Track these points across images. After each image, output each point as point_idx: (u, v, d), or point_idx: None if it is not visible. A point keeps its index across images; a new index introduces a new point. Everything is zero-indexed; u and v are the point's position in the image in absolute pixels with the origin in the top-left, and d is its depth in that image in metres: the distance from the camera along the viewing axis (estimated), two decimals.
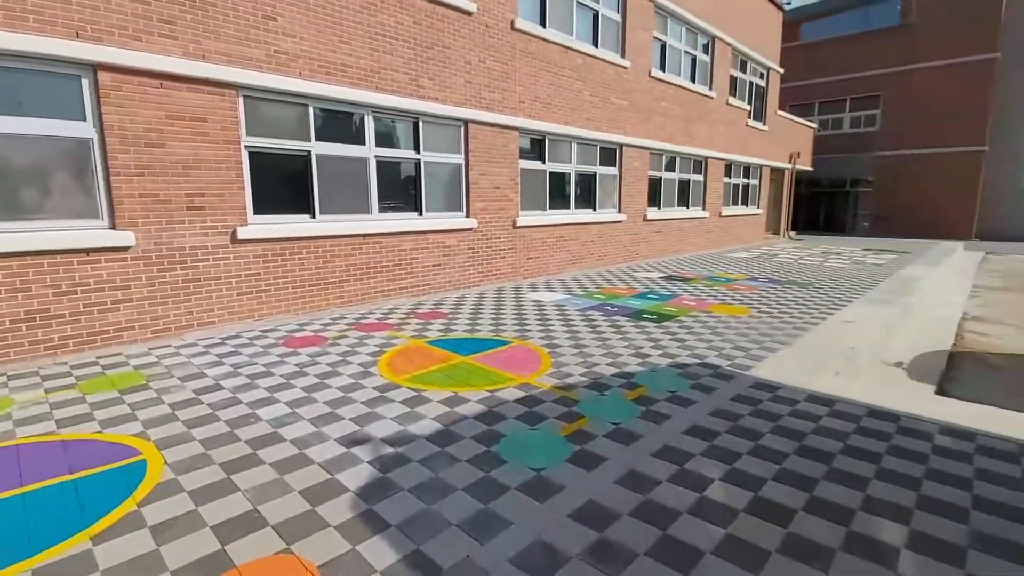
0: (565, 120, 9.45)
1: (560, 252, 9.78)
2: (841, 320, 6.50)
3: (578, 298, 7.58)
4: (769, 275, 10.15)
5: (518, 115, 8.57)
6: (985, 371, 5.46)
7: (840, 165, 23.54)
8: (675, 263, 11.79)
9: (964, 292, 9.99)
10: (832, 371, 4.60)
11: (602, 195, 10.69)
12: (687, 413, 3.58)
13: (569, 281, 9.09)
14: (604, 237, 10.80)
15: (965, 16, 20.69)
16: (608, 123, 10.43)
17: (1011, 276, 12.53)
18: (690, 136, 13.05)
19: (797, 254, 14.20)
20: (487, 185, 8.25)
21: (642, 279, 9.42)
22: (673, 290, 8.34)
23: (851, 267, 11.65)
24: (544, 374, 4.34)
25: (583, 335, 5.57)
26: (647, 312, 6.69)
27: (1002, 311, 8.47)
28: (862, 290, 8.65)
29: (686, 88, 12.60)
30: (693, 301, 7.46)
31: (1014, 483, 2.75)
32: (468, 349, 5.01)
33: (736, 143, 15.25)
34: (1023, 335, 7.00)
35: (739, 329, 5.90)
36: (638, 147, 11.31)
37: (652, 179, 12.13)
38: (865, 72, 23.03)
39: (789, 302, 7.51)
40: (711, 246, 14.96)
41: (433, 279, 7.68)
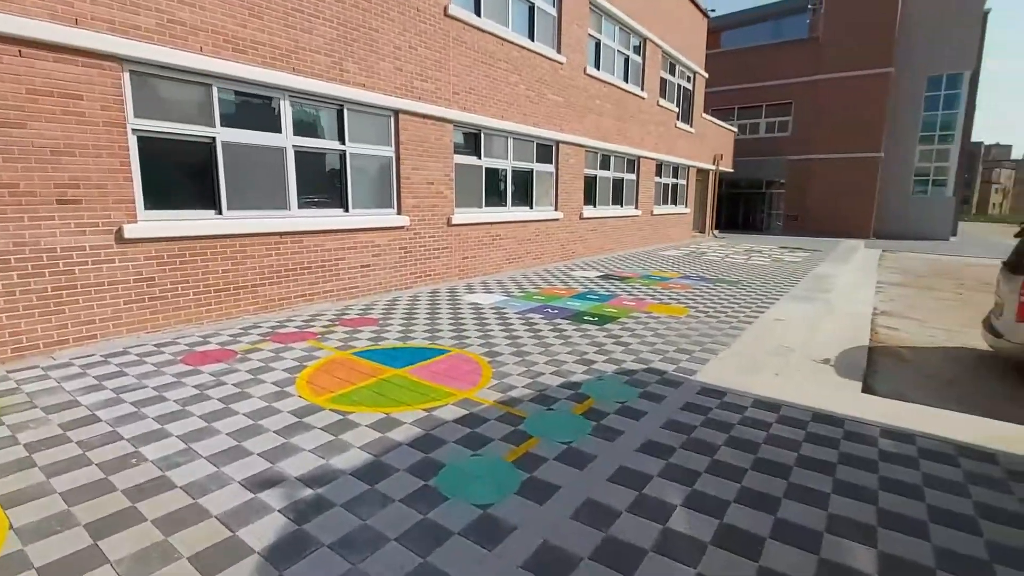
0: (501, 114, 9.12)
1: (497, 251, 9.46)
2: (773, 318, 6.66)
3: (517, 300, 7.30)
4: (700, 273, 10.38)
5: (452, 107, 8.14)
6: (899, 365, 5.73)
7: (757, 167, 24.95)
8: (611, 261, 11.83)
9: (871, 288, 10.71)
10: (771, 372, 4.60)
11: (539, 193, 10.49)
12: (639, 427, 3.37)
13: (507, 281, 8.79)
14: (541, 235, 10.61)
15: (863, 33, 22.50)
16: (545, 119, 10.22)
17: (907, 272, 13.68)
18: (623, 135, 13.16)
19: (723, 252, 14.77)
20: (420, 180, 7.75)
21: (580, 278, 9.30)
22: (612, 290, 8.26)
23: (772, 265, 12.22)
24: (486, 387, 3.99)
25: (525, 341, 5.27)
26: (588, 314, 6.52)
27: (904, 305, 9.11)
28: (785, 288, 9.01)
29: (620, 87, 12.68)
30: (632, 301, 7.40)
31: (959, 488, 2.74)
32: (401, 360, 4.56)
33: (666, 144, 15.62)
34: (924, 328, 7.51)
35: (680, 330, 5.85)
36: (574, 144, 11.21)
37: (588, 177, 12.10)
38: (779, 80, 24.53)
39: (723, 300, 7.64)
40: (643, 244, 15.25)
41: (361, 281, 7.10)
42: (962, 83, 23.05)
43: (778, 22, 28.23)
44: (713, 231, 21.37)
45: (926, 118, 23.83)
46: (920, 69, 23.19)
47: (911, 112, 23.80)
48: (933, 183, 24.30)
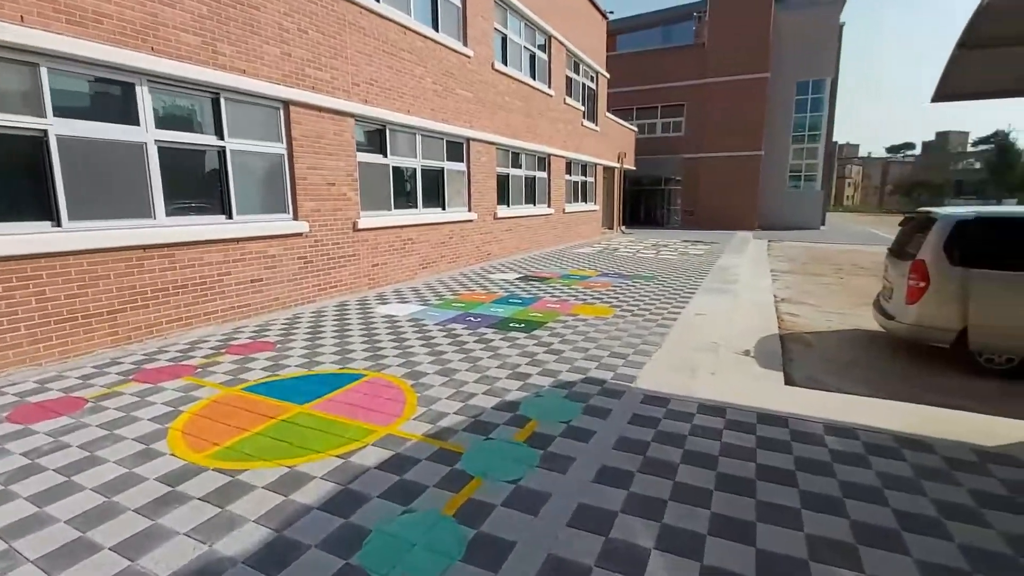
0: (408, 109, 8.48)
1: (409, 256, 8.81)
2: (694, 313, 6.70)
3: (436, 309, 6.74)
4: (617, 270, 10.44)
5: (352, 99, 7.38)
6: (806, 350, 5.98)
7: (656, 165, 26.21)
8: (528, 262, 11.59)
9: (767, 277, 11.42)
10: (706, 371, 4.49)
11: (451, 192, 9.96)
12: (590, 450, 3.01)
13: (422, 289, 8.18)
14: (456, 238, 10.09)
15: (742, 41, 24.41)
16: (454, 115, 9.71)
17: (792, 260, 14.88)
18: (533, 133, 12.99)
19: (633, 248, 15.17)
20: (319, 181, 6.92)
21: (499, 281, 8.92)
22: (534, 292, 7.96)
23: (680, 259, 12.67)
24: (411, 418, 3.44)
25: (450, 356, 4.76)
26: (514, 320, 6.14)
27: (798, 291, 9.75)
28: (697, 281, 9.28)
29: (528, 84, 12.48)
30: (556, 303, 7.13)
31: (914, 486, 2.68)
32: (306, 393, 3.86)
33: (574, 142, 15.75)
34: (819, 312, 8.02)
35: (609, 332, 5.65)
36: (485, 142, 10.81)
37: (500, 176, 11.77)
38: (671, 83, 25.92)
39: (644, 297, 7.63)
40: (558, 243, 15.25)
41: (253, 298, 6.17)
42: (825, 88, 25.83)
43: (667, 28, 29.91)
44: (621, 227, 22.06)
45: (797, 120, 26.44)
46: (790, 75, 25.64)
47: (784, 114, 26.26)
48: (805, 179, 27.04)
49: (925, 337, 5.47)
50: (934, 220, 5.63)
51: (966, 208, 5.78)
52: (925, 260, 5.48)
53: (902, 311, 5.62)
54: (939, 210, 5.78)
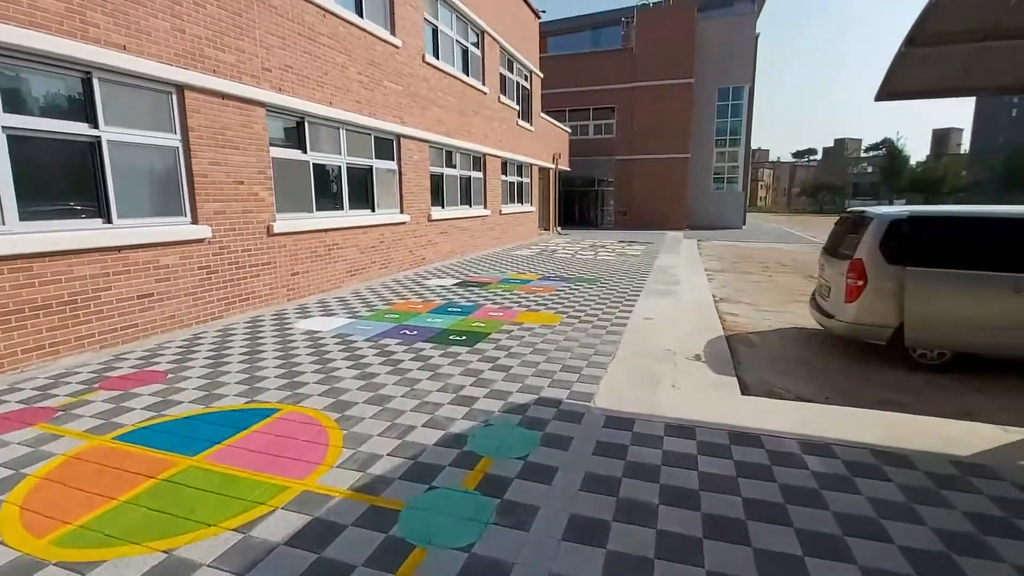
0: (329, 100, 7.68)
1: (335, 263, 7.99)
2: (642, 318, 6.45)
3: (366, 321, 6.04)
4: (557, 272, 10.13)
5: (263, 86, 6.51)
6: (752, 352, 5.91)
7: (589, 166, 26.45)
8: (465, 266, 11.04)
9: (703, 275, 11.56)
10: (666, 383, 4.17)
11: (381, 193, 9.22)
12: (555, 495, 2.54)
13: (351, 299, 7.42)
14: (387, 242, 9.36)
15: (668, 47, 25.16)
16: (383, 109, 8.98)
17: (721, 259, 15.32)
18: (468, 131, 12.45)
19: (571, 249, 15.00)
20: (224, 179, 6.02)
21: (436, 288, 8.31)
22: (473, 299, 7.43)
23: (618, 260, 12.60)
24: (335, 465, 2.81)
25: (382, 379, 4.13)
26: (454, 332, 5.58)
27: (733, 290, 9.88)
28: (639, 282, 9.13)
29: (461, 80, 11.92)
30: (499, 311, 6.64)
31: (910, 514, 2.42)
32: (201, 439, 3.12)
33: (509, 141, 15.36)
34: (756, 311, 8.09)
35: (558, 342, 5.23)
36: (417, 139, 10.14)
37: (434, 176, 11.13)
38: (602, 86, 26.26)
39: (589, 302, 7.31)
40: (495, 245, 14.79)
41: (142, 318, 5.20)
42: (743, 95, 27.20)
43: (596, 32, 30.39)
44: (557, 228, 21.99)
45: (719, 124, 27.66)
46: (712, 81, 26.76)
47: (707, 119, 27.39)
48: (727, 181, 28.35)
49: (863, 334, 5.52)
50: (869, 219, 5.68)
51: (899, 207, 5.89)
52: (863, 259, 5.51)
53: (841, 309, 5.64)
54: (873, 209, 5.85)
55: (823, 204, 74.30)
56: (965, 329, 5.03)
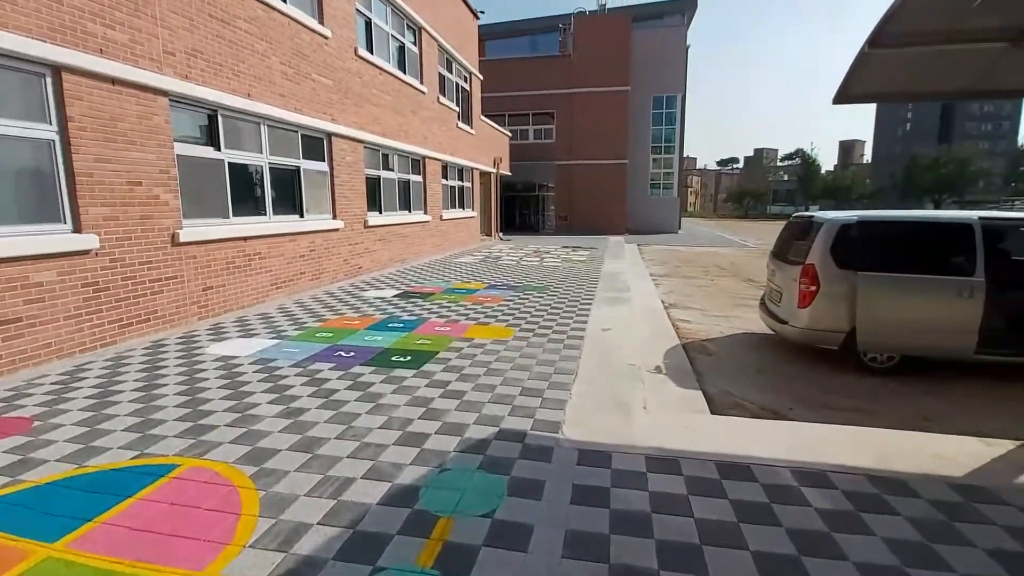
0: (248, 91, 6.82)
1: (258, 275, 7.11)
2: (600, 328, 6.11)
3: (294, 342, 5.29)
4: (505, 281, 9.68)
5: (165, 72, 5.61)
6: (711, 361, 5.75)
7: (529, 171, 26.29)
8: (406, 275, 10.35)
9: (649, 281, 11.52)
10: (638, 405, 3.80)
11: (311, 197, 8.39)
12: (533, 568, 2.04)
13: (276, 316, 6.59)
14: (319, 250, 8.53)
15: (605, 54, 25.51)
16: (311, 105, 8.17)
17: (664, 263, 15.49)
18: (406, 132, 11.77)
19: (515, 255, 14.61)
20: (115, 179, 5.08)
21: (374, 300, 7.60)
22: (417, 312, 6.81)
23: (565, 266, 12.34)
24: (248, 544, 2.17)
25: (311, 415, 3.48)
26: (397, 352, 4.96)
27: (680, 296, 9.84)
28: (590, 289, 8.85)
29: (397, 77, 11.24)
30: (446, 325, 6.08)
31: (932, 558, 2.13)
32: (65, 516, 2.36)
33: (449, 144, 14.79)
34: (706, 316, 8.02)
35: (515, 360, 4.76)
36: (351, 139, 9.37)
37: (370, 178, 10.37)
38: (541, 91, 26.22)
39: (541, 312, 6.90)
40: (436, 252, 14.14)
41: (6, 349, 4.21)
42: (676, 104, 28.06)
43: (534, 38, 30.41)
44: (499, 234, 21.59)
45: (654, 132, 28.38)
46: (647, 89, 27.42)
47: (643, 126, 28.03)
48: (663, 187, 29.13)
49: (817, 340, 5.47)
50: (819, 224, 5.64)
51: (848, 212, 5.89)
52: (814, 264, 5.45)
53: (794, 315, 5.57)
54: (821, 214, 5.82)
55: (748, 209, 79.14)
56: (913, 332, 5.05)
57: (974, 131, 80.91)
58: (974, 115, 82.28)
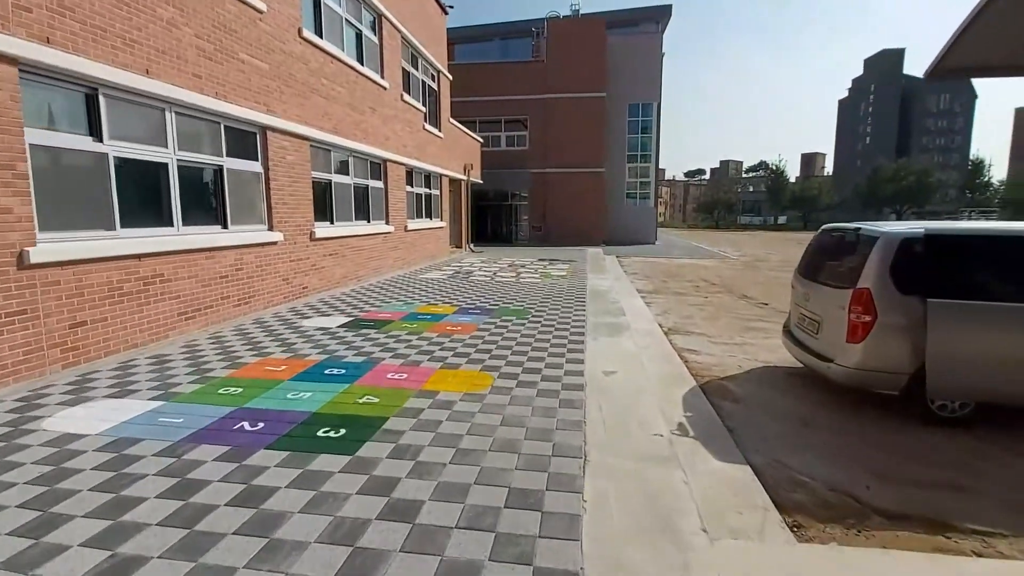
0: (146, 67, 5.29)
1: (158, 303, 5.53)
2: (601, 371, 4.78)
3: (181, 405, 3.76)
4: (478, 302, 8.28)
5: (12, 30, 4.06)
6: (740, 410, 4.60)
7: (502, 179, 25.02)
8: (360, 296, 8.83)
9: (639, 298, 10.31)
10: (689, 524, 2.47)
11: (239, 204, 6.84)
12: None
13: (176, 359, 5.01)
14: (249, 269, 6.96)
15: (580, 60, 24.58)
16: (239, 91, 6.66)
17: (648, 277, 14.38)
18: (364, 131, 10.30)
19: (488, 270, 13.24)
20: None
21: (315, 332, 6.09)
22: (366, 349, 5.34)
23: (544, 282, 11.03)
24: None
25: (157, 569, 2.00)
26: (327, 421, 3.50)
27: (678, 317, 8.65)
28: (579, 313, 7.54)
29: (354, 68, 9.78)
30: (402, 371, 4.63)
31: None
32: None
33: (415, 147, 13.36)
34: (714, 344, 6.84)
35: (494, 431, 3.37)
36: (293, 135, 7.86)
37: (319, 182, 8.86)
38: (513, 96, 25.07)
39: (525, 345, 5.54)
40: (400, 266, 12.63)
41: None
42: (652, 112, 27.33)
43: (505, 42, 29.35)
44: (470, 245, 20.19)
45: (630, 140, 27.55)
46: (624, 97, 26.59)
47: (620, 134, 27.17)
48: (640, 196, 28.29)
49: (871, 383, 4.35)
50: (870, 238, 4.51)
51: (909, 223, 4.76)
52: (870, 289, 4.30)
53: (841, 351, 4.43)
54: (872, 226, 4.67)
55: (718, 219, 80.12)
56: (1002, 375, 3.98)
57: (929, 144, 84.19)
58: (929, 129, 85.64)
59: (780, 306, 9.82)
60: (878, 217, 65.41)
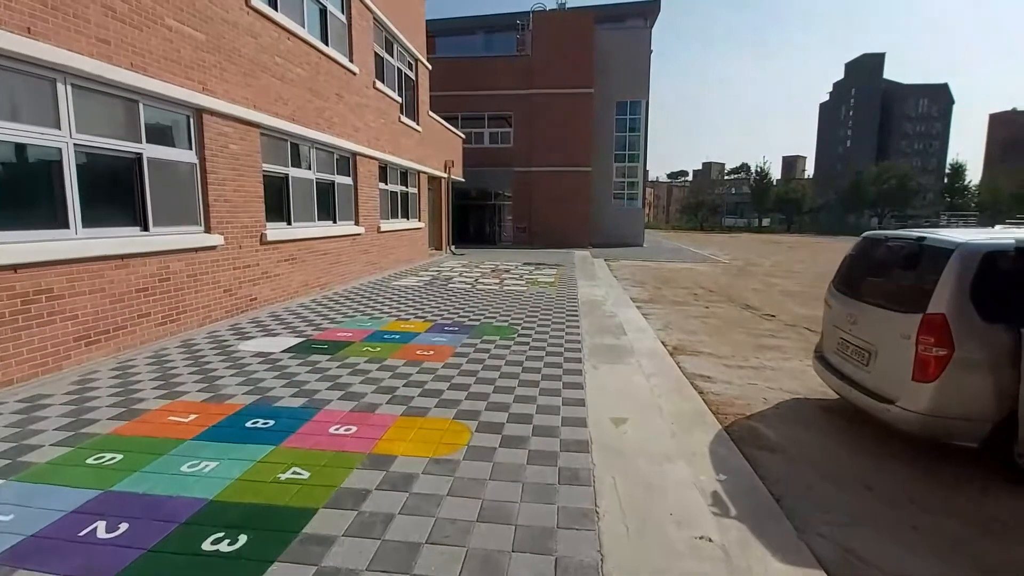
0: (27, 26, 4.12)
1: (43, 327, 4.36)
2: (608, 419, 3.76)
3: (24, 483, 2.63)
4: (454, 316, 7.21)
5: None
6: (778, 462, 3.68)
7: (485, 178, 23.93)
8: (320, 307, 7.70)
9: (634, 308, 9.34)
10: None
11: (164, 200, 5.67)
12: None
13: (52, 406, 3.84)
14: (178, 279, 5.79)
15: (566, 55, 23.62)
16: (165, 63, 5.49)
17: (640, 283, 13.46)
18: (328, 120, 9.15)
19: (470, 275, 12.16)
20: None
21: (248, 360, 4.96)
22: (309, 386, 4.24)
23: (531, 290, 10.01)
24: None
25: None
26: (224, 520, 2.40)
27: (680, 332, 7.71)
28: (572, 330, 6.53)
29: (316, 48, 8.62)
30: (350, 421, 3.54)
31: None
32: None
33: (389, 140, 12.21)
34: (728, 368, 5.92)
35: (468, 530, 2.32)
36: (238, 120, 6.70)
37: (273, 177, 7.70)
38: (497, 91, 24.00)
39: (509, 379, 4.50)
40: (372, 271, 11.48)
41: None
42: (641, 110, 26.48)
43: (488, 36, 28.25)
44: (451, 247, 19.07)
45: (618, 139, 26.66)
46: (611, 94, 25.68)
47: (607, 132, 26.27)
48: (627, 197, 27.42)
49: (945, 432, 3.46)
50: (942, 250, 3.58)
51: (985, 232, 3.83)
52: (945, 315, 3.38)
53: (907, 392, 3.53)
54: (942, 235, 3.74)
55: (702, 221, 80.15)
56: None
57: (908, 148, 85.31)
58: (908, 133, 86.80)
59: (788, 319, 8.95)
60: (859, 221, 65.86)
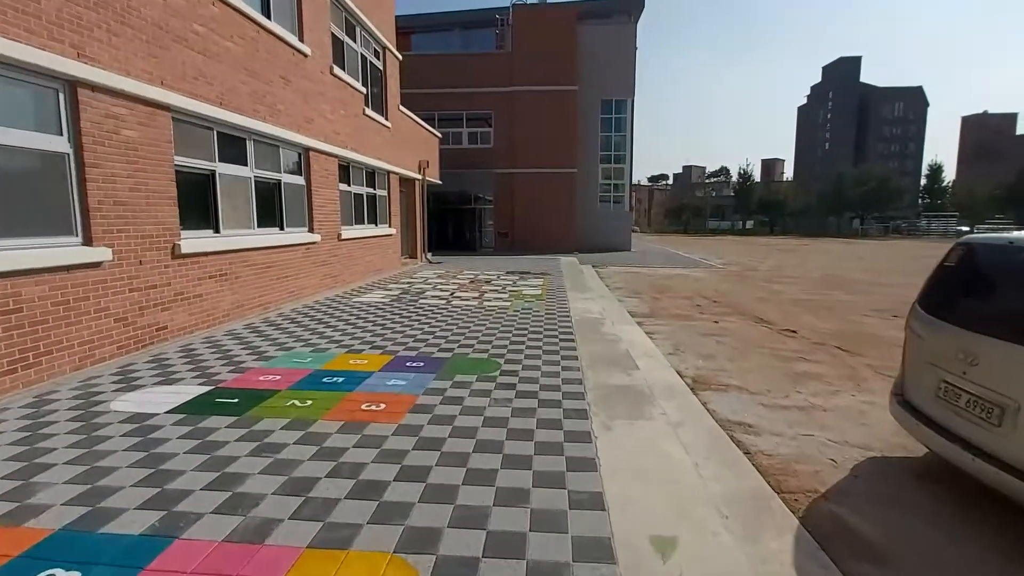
0: None
1: None
2: (648, 539, 2.36)
3: None
4: (421, 345, 5.79)
5: None
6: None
7: (464, 180, 22.56)
8: (252, 335, 6.20)
9: (633, 324, 8.02)
10: None
11: (17, 203, 4.16)
12: None
13: None
14: (29, 312, 4.28)
15: (548, 52, 22.43)
16: (12, 14, 4.00)
17: (635, 292, 12.22)
18: (271, 107, 7.67)
19: (445, 288, 10.73)
20: None
21: (105, 431, 3.48)
22: (175, 484, 2.78)
23: (516, 306, 8.62)
24: None
25: None
26: None
27: (696, 358, 6.42)
28: (569, 363, 5.16)
29: (253, 19, 7.15)
30: (216, 565, 2.10)
31: None
32: None
33: (352, 135, 10.75)
34: (770, 411, 4.65)
35: None
36: (139, 99, 5.21)
37: (192, 174, 6.20)
38: (477, 89, 22.69)
39: (487, 453, 3.10)
40: (331, 285, 9.98)
41: None
42: (626, 108, 25.37)
43: (466, 33, 26.95)
44: (427, 255, 17.59)
45: (603, 139, 25.49)
46: (596, 92, 24.52)
47: (592, 132, 25.09)
48: (614, 199, 26.25)
49: None
50: None
51: None
52: None
53: None
54: None
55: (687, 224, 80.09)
56: None
57: (885, 151, 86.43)
58: (885, 136, 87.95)
59: (811, 335, 7.73)
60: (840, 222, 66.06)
